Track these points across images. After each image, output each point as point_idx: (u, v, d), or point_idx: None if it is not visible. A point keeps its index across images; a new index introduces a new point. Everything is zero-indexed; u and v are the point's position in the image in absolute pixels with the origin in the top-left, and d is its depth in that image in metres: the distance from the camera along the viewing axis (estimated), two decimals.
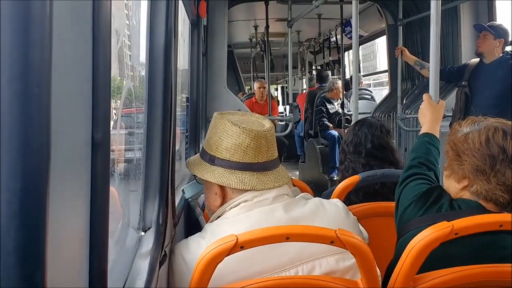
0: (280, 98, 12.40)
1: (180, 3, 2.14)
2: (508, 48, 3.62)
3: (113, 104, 1.16)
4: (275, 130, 1.40)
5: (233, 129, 1.28)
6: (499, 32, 3.48)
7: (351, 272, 1.20)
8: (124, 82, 1.35)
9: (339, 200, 1.42)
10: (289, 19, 4.92)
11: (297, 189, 1.56)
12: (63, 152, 0.56)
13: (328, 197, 1.80)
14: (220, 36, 4.48)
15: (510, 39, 3.58)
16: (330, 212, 1.30)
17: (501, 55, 3.50)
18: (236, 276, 1.15)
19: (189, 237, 1.32)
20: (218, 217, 1.32)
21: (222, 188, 1.30)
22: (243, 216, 1.25)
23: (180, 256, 1.26)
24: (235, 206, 1.28)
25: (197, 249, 1.22)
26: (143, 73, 1.35)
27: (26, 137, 0.43)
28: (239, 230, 1.19)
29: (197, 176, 1.37)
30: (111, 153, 0.71)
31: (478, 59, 3.64)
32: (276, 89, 13.96)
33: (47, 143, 0.45)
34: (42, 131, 0.45)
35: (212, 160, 1.31)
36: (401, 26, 4.74)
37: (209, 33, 4.22)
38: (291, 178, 1.48)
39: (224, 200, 1.32)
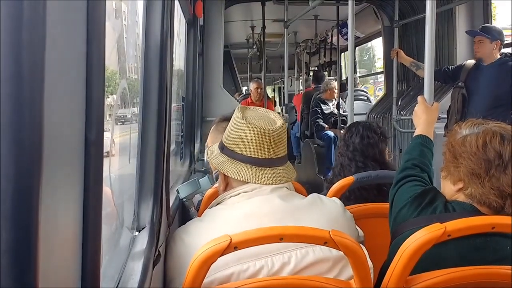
0: (277, 99, 12.41)
1: (176, 3, 2.13)
2: (507, 50, 3.59)
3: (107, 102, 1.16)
4: None
5: (241, 122, 1.32)
6: (494, 35, 3.43)
7: (344, 261, 1.21)
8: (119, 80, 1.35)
9: (336, 198, 1.47)
10: (285, 20, 4.93)
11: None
12: (56, 152, 0.56)
13: None
14: (216, 36, 4.48)
15: (504, 39, 3.53)
16: (328, 206, 1.35)
17: (499, 57, 3.45)
18: (234, 257, 1.16)
19: (188, 222, 1.36)
20: (218, 203, 1.36)
21: (225, 175, 1.37)
22: (242, 204, 1.29)
23: (179, 239, 1.30)
24: (235, 196, 1.32)
25: (196, 231, 1.28)
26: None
27: (18, 138, 0.43)
28: (238, 215, 1.25)
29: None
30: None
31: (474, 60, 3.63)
32: (274, 90, 13.94)
33: (39, 143, 0.45)
34: (34, 131, 0.45)
35: (222, 147, 1.38)
36: (397, 28, 4.75)
37: (205, 33, 4.22)
38: None
39: (226, 188, 1.38)
